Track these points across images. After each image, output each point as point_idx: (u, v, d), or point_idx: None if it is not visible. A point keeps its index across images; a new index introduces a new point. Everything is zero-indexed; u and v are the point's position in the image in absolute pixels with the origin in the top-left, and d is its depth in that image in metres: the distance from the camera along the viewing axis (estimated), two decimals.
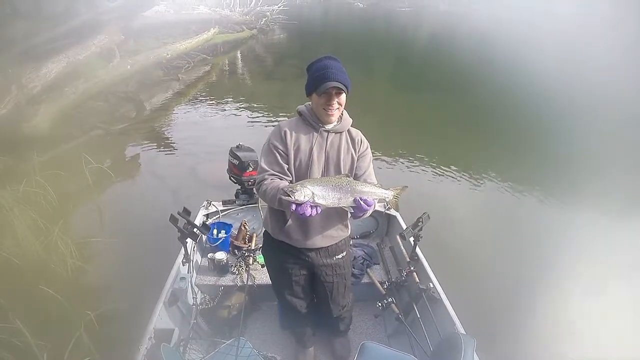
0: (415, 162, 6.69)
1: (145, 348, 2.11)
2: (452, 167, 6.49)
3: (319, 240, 2.07)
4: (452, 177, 6.22)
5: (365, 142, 2.05)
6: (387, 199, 1.92)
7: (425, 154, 6.98)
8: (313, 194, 1.66)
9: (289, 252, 2.13)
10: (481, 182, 6.15)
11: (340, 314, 2.46)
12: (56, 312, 2.97)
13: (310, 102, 1.95)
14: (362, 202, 1.73)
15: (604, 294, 3.61)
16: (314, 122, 1.92)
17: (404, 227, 3.09)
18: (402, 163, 6.63)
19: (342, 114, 1.98)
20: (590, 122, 8.49)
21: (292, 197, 1.64)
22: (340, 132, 1.98)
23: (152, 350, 2.12)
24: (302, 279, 2.24)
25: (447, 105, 10.27)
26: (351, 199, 1.74)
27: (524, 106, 9.64)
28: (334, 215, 2.05)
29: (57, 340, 2.72)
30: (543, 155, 7.03)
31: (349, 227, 2.23)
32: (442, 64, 15.77)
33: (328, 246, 2.12)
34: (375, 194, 1.83)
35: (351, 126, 2.04)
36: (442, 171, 6.38)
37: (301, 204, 1.66)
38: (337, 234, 2.12)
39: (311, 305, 2.42)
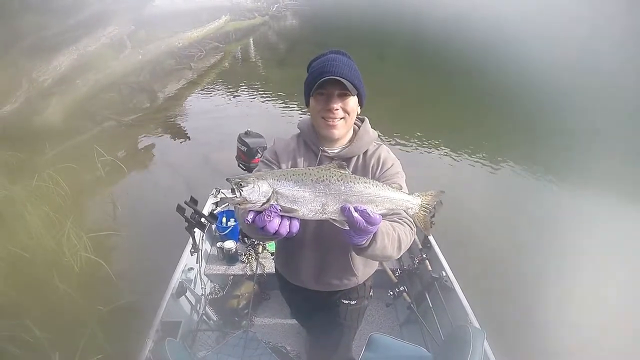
0: (428, 146, 6.54)
1: (153, 341, 2.08)
2: (467, 152, 6.33)
3: (311, 283, 1.58)
4: (467, 163, 6.07)
5: (389, 162, 1.43)
6: (409, 211, 1.20)
7: (440, 139, 6.82)
8: (275, 194, 1.01)
9: (283, 282, 1.74)
10: (497, 168, 5.96)
11: None
12: (69, 308, 2.97)
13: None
14: (354, 214, 1.01)
15: (623, 282, 3.49)
16: (313, 143, 1.44)
17: None
18: (415, 147, 6.49)
19: (356, 130, 1.47)
20: (614, 108, 8.21)
21: (239, 193, 0.99)
22: (350, 158, 1.44)
23: (160, 344, 2.09)
24: (301, 315, 2.03)
25: (462, 89, 10.06)
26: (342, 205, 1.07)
27: (542, 91, 9.31)
28: (335, 249, 1.46)
29: (70, 336, 2.72)
30: (564, 142, 6.76)
31: (366, 268, 1.61)
32: (457, 47, 15.39)
33: (325, 291, 1.63)
34: (388, 199, 1.13)
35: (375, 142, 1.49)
36: (456, 156, 6.22)
37: (260, 212, 1.01)
38: (337, 281, 1.56)
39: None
